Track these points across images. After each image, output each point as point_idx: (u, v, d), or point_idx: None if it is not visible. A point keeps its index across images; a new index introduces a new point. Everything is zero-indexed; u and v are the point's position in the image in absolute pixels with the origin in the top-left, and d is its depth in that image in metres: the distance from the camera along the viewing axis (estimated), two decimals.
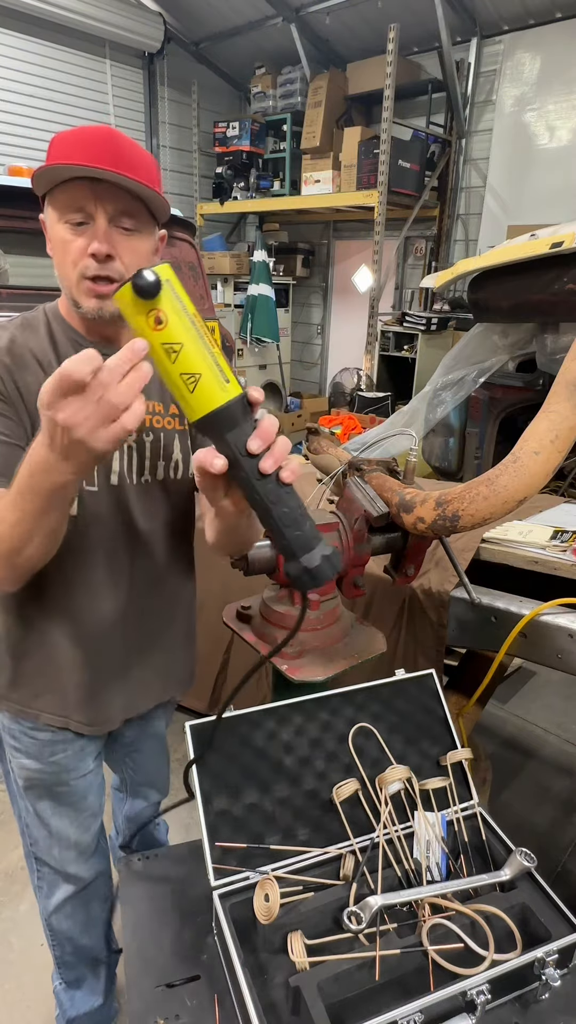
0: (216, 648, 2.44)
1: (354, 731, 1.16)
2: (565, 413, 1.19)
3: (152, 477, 1.15)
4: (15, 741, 1.24)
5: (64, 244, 0.97)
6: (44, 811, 1.29)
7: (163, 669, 1.31)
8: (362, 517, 1.34)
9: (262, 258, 6.91)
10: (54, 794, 1.27)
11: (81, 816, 1.32)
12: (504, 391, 3.62)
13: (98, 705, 1.21)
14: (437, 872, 1.04)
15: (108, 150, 0.94)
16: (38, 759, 1.23)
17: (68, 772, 1.26)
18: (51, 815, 1.29)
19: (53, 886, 1.37)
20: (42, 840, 1.32)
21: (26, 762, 1.24)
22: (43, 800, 1.28)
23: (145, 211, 1.00)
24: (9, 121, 6.28)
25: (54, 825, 1.30)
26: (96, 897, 1.41)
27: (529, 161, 5.91)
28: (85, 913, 1.41)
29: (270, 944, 0.94)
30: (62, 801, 1.29)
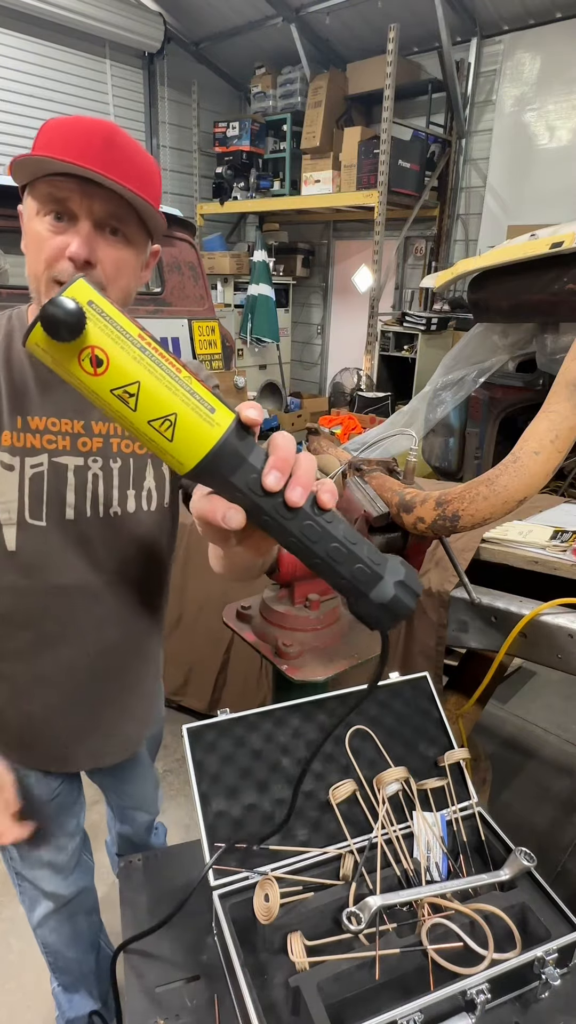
0: (216, 648, 2.44)
1: (351, 733, 1.16)
2: (565, 413, 1.19)
3: (122, 509, 1.01)
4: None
5: (40, 241, 0.85)
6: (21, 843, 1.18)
7: (133, 717, 1.21)
8: (362, 517, 1.34)
9: (262, 258, 6.91)
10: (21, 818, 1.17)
11: (55, 839, 1.25)
12: (504, 391, 3.62)
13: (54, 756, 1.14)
14: (437, 872, 1.04)
15: (105, 149, 0.82)
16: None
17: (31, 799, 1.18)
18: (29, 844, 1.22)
19: (34, 901, 1.32)
20: (18, 856, 1.26)
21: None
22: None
23: (137, 220, 0.88)
24: (9, 121, 6.29)
25: (33, 854, 1.24)
26: (80, 912, 1.37)
27: (529, 161, 5.91)
28: (71, 928, 1.37)
29: (270, 944, 0.94)
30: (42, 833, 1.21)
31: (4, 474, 0.93)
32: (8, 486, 0.93)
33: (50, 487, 0.96)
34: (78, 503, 0.98)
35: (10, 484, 0.93)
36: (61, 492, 0.96)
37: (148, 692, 1.23)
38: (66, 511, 0.97)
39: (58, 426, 0.96)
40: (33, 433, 0.94)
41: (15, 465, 0.93)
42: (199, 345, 3.84)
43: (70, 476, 0.97)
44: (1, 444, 0.93)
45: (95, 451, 0.98)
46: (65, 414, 0.97)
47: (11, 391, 0.93)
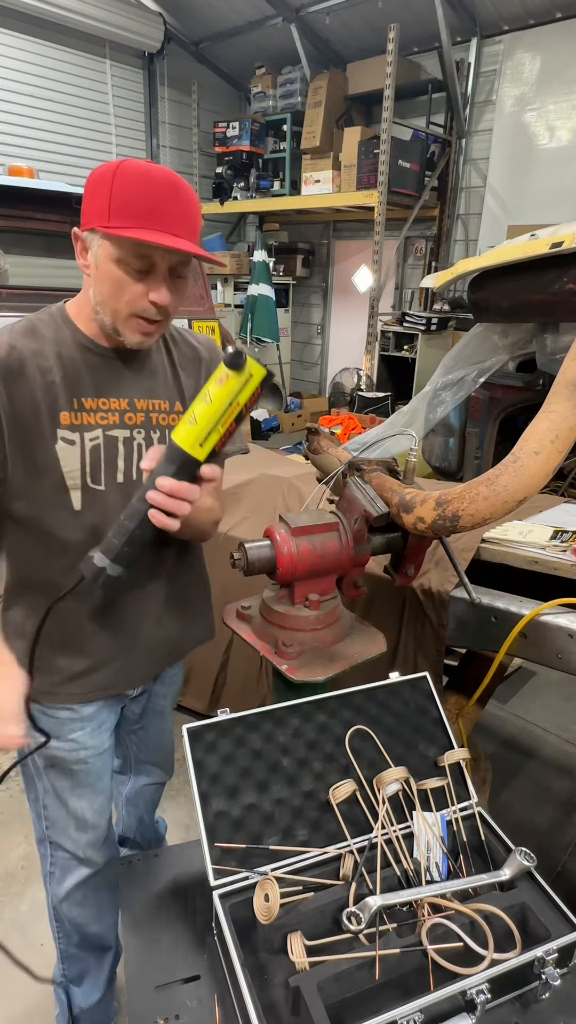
0: (216, 648, 2.44)
1: (351, 733, 1.16)
2: (565, 413, 1.19)
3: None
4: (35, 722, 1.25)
5: (121, 284, 1.04)
6: (63, 790, 1.31)
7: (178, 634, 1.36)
8: (362, 517, 1.34)
9: (262, 258, 6.91)
10: (73, 772, 1.30)
11: (98, 798, 1.35)
12: (504, 391, 3.63)
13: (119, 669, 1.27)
14: (437, 872, 1.04)
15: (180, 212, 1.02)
16: (58, 737, 1.26)
17: (86, 749, 1.29)
18: (70, 795, 1.32)
19: (66, 871, 1.38)
20: (60, 821, 1.34)
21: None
22: (63, 779, 1.31)
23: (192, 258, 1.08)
24: (9, 121, 6.29)
25: (72, 805, 1.32)
26: (107, 884, 1.42)
27: (529, 161, 5.91)
28: (96, 900, 1.42)
29: (270, 944, 0.94)
30: (80, 781, 1.31)
31: (67, 448, 1.11)
32: (72, 458, 1.11)
33: (106, 456, 1.14)
34: (127, 468, 1.17)
35: (73, 456, 1.11)
36: (114, 460, 1.15)
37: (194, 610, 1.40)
38: (118, 475, 1.16)
39: (108, 405, 1.15)
40: (88, 412, 1.13)
41: (76, 440, 1.11)
42: None
43: (120, 446, 1.16)
44: (61, 423, 1.10)
45: (139, 424, 1.18)
46: (113, 394, 1.16)
47: (66, 380, 1.11)
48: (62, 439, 1.10)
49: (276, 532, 1.32)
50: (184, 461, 0.93)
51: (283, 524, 1.33)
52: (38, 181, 3.48)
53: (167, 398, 1.22)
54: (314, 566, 1.32)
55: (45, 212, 3.30)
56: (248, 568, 1.31)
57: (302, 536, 1.31)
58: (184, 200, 1.03)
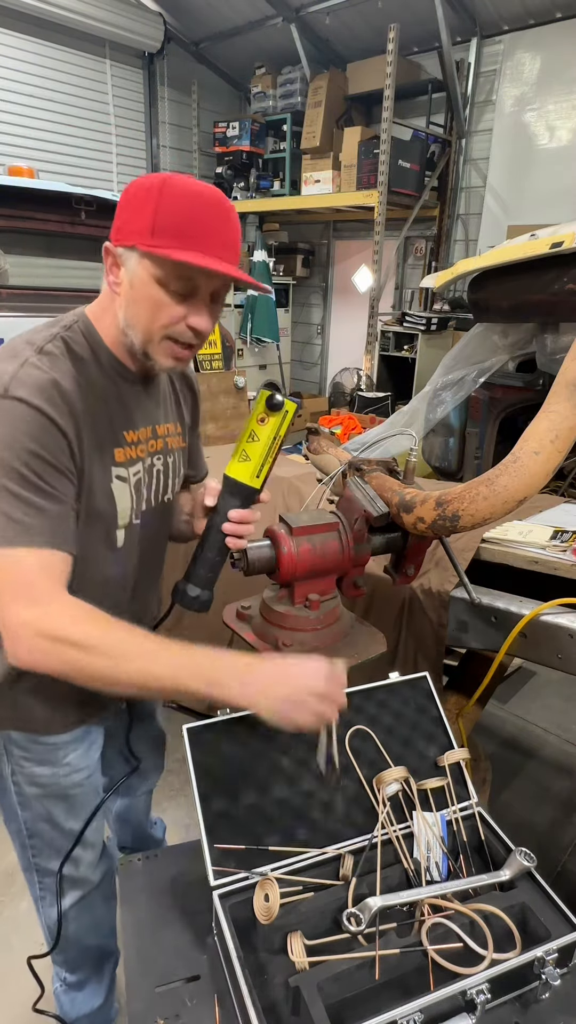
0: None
1: (351, 733, 1.16)
2: (565, 413, 1.19)
3: (172, 495, 1.26)
4: (23, 751, 1.21)
5: (159, 305, 0.98)
6: (59, 815, 1.27)
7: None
8: (362, 517, 1.34)
9: (262, 258, 6.91)
10: (68, 796, 1.26)
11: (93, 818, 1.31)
12: (504, 391, 3.62)
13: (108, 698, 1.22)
14: (437, 872, 1.04)
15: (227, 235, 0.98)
16: (51, 764, 1.22)
17: (79, 772, 1.26)
18: (66, 818, 1.27)
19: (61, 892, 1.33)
20: (48, 849, 1.29)
21: (38, 770, 1.22)
22: (59, 804, 1.26)
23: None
24: (9, 121, 6.29)
25: (68, 827, 1.28)
26: (101, 897, 1.40)
27: (529, 161, 5.91)
28: (91, 915, 1.39)
29: (270, 944, 0.94)
30: (76, 803, 1.28)
31: (121, 486, 1.09)
32: (125, 496, 1.10)
33: (142, 489, 1.15)
34: (148, 496, 1.17)
35: (126, 495, 1.10)
36: (143, 491, 1.15)
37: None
38: (143, 504, 1.16)
39: (143, 435, 1.14)
40: (131, 445, 1.11)
41: (126, 477, 1.10)
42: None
43: (145, 475, 1.16)
44: (116, 461, 1.08)
45: (159, 450, 1.18)
46: (143, 423, 1.14)
47: (112, 413, 1.07)
48: (117, 477, 1.07)
49: (276, 532, 1.32)
50: (247, 493, 1.10)
51: (283, 524, 1.33)
52: (38, 181, 3.48)
53: (173, 420, 1.24)
54: (314, 566, 1.32)
55: (45, 212, 3.31)
56: (248, 568, 1.30)
57: (302, 536, 1.30)
58: (231, 222, 0.99)
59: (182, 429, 1.27)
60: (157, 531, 1.25)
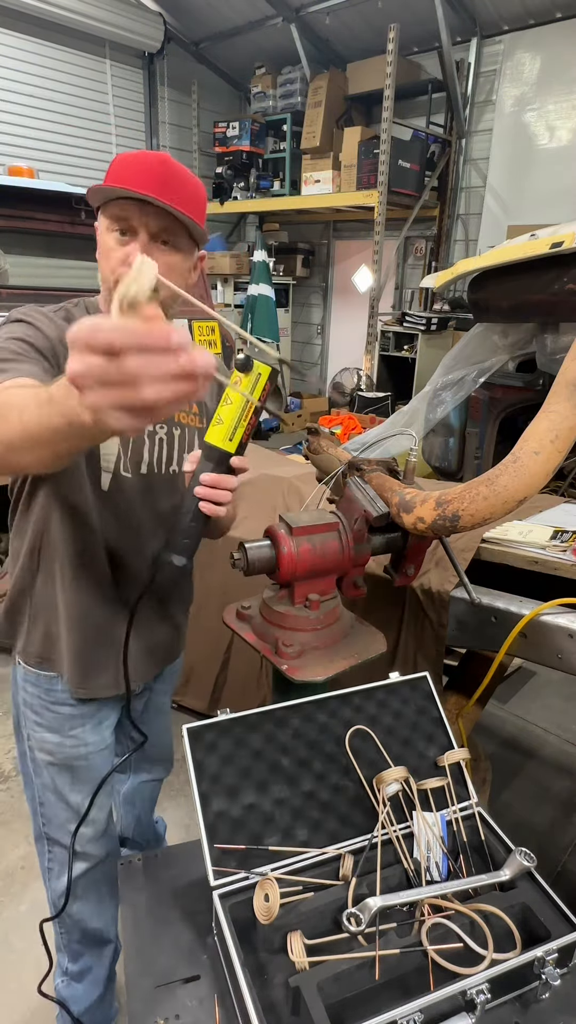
0: (216, 648, 2.44)
1: (351, 733, 1.16)
2: (565, 413, 1.19)
3: (179, 468, 1.28)
4: (37, 716, 1.30)
5: (108, 251, 1.08)
6: (63, 786, 1.33)
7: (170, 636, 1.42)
8: (362, 517, 1.34)
9: (262, 258, 6.91)
10: (74, 768, 1.32)
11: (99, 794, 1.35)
12: (504, 391, 3.63)
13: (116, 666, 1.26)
14: (437, 872, 1.04)
15: (159, 176, 1.04)
16: (59, 732, 1.29)
17: (87, 746, 1.32)
18: (70, 790, 1.34)
19: (64, 866, 1.38)
20: (57, 817, 1.35)
21: (48, 736, 1.30)
22: (63, 775, 1.33)
23: (185, 233, 1.10)
24: (9, 121, 6.29)
25: (73, 800, 1.34)
26: (106, 878, 1.44)
27: (529, 161, 5.91)
28: (96, 894, 1.43)
29: (270, 944, 0.94)
30: (81, 776, 1.33)
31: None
32: (112, 442, 1.18)
33: (134, 447, 1.22)
34: (150, 460, 1.24)
35: (113, 441, 1.18)
36: (140, 451, 1.22)
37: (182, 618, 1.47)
38: (142, 466, 1.23)
39: None
40: None
41: None
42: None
43: (146, 438, 1.23)
44: None
45: (163, 420, 1.23)
46: None
47: None
48: None
49: (276, 532, 1.32)
50: (219, 456, 1.06)
51: (283, 524, 1.33)
52: (38, 181, 3.48)
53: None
54: (314, 566, 1.32)
55: (45, 212, 3.31)
56: (248, 568, 1.30)
57: (302, 536, 1.31)
58: (174, 174, 1.06)
59: (199, 410, 1.31)
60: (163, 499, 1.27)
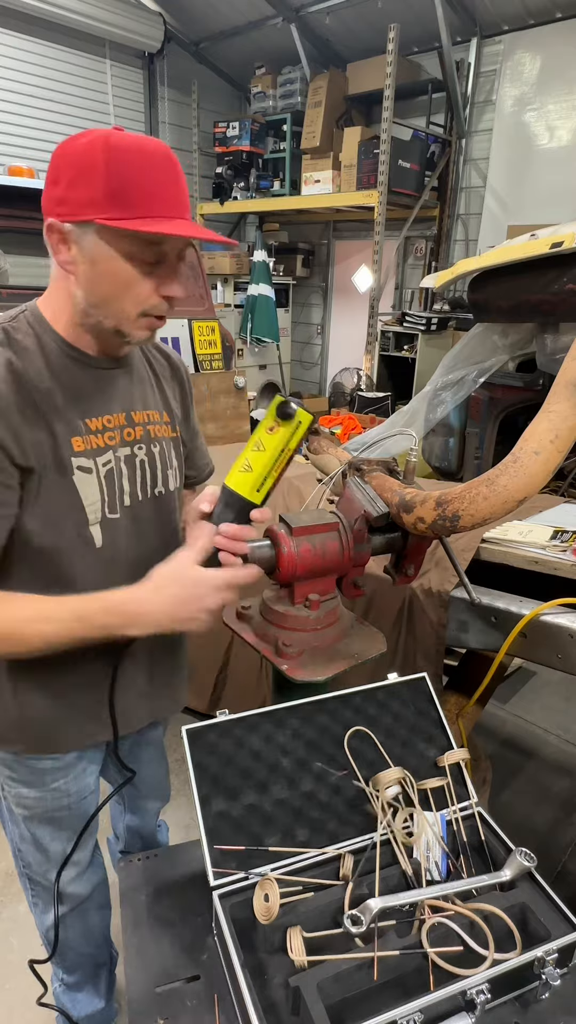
0: (216, 648, 2.44)
1: (350, 734, 1.16)
2: (565, 413, 1.19)
3: (164, 488, 1.16)
4: (11, 771, 1.19)
5: (129, 282, 0.92)
6: (43, 837, 1.25)
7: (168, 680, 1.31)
8: (362, 517, 1.34)
9: (262, 258, 6.91)
10: (55, 820, 1.24)
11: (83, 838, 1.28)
12: (504, 391, 3.63)
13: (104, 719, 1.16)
14: (437, 872, 1.04)
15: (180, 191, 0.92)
16: (39, 787, 1.20)
17: (69, 796, 1.23)
18: (51, 840, 1.26)
19: (50, 904, 1.33)
20: (37, 864, 1.29)
21: (24, 791, 1.20)
22: (43, 827, 1.24)
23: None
24: (9, 121, 6.29)
25: (53, 850, 1.26)
26: (93, 908, 1.40)
27: (529, 161, 5.91)
28: (83, 924, 1.39)
29: (270, 944, 0.94)
30: (63, 826, 1.25)
31: (85, 478, 0.99)
32: (91, 489, 1.01)
33: (116, 480, 1.05)
34: (132, 489, 1.08)
35: (92, 486, 1.01)
36: (121, 483, 1.06)
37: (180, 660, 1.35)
38: (125, 499, 1.07)
39: (112, 422, 1.04)
40: (95, 434, 1.01)
41: (91, 467, 1.00)
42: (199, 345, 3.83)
43: (123, 466, 1.06)
44: (75, 451, 0.98)
45: (139, 438, 1.09)
46: (112, 409, 1.05)
47: (67, 399, 0.98)
48: (79, 468, 0.98)
49: (276, 532, 1.32)
50: (242, 506, 1.00)
51: (283, 524, 1.33)
52: (38, 181, 3.48)
53: (156, 408, 1.14)
54: (314, 566, 1.32)
55: None
56: None
57: (302, 536, 1.30)
58: (181, 176, 0.94)
59: (170, 418, 1.17)
60: (153, 527, 1.14)
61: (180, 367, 1.24)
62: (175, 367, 1.23)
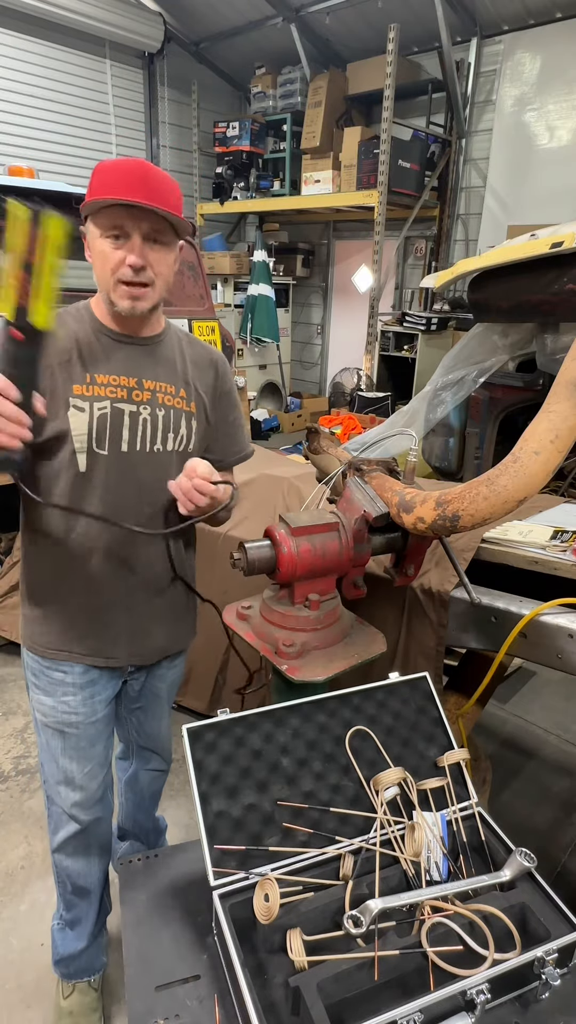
0: (216, 648, 2.44)
1: (351, 733, 1.16)
2: (565, 413, 1.19)
3: (163, 447, 1.31)
4: (34, 678, 1.39)
5: (104, 255, 1.18)
6: (55, 749, 1.41)
7: (167, 622, 1.43)
8: (362, 517, 1.35)
9: (262, 258, 6.91)
10: (64, 735, 1.39)
11: (88, 763, 1.42)
12: (504, 391, 3.63)
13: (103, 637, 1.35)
14: (437, 872, 1.04)
15: (141, 181, 1.15)
16: (52, 695, 1.37)
17: (76, 715, 1.38)
18: (60, 755, 1.41)
19: (59, 824, 1.48)
20: (52, 778, 1.44)
21: (42, 698, 1.38)
22: (55, 739, 1.40)
23: (170, 229, 1.20)
24: (9, 121, 6.29)
25: (62, 764, 1.41)
26: (95, 842, 1.52)
27: (529, 161, 5.91)
28: (85, 855, 1.51)
29: (270, 944, 0.94)
30: (71, 743, 1.40)
31: (77, 414, 1.23)
32: (80, 423, 1.23)
33: (112, 425, 1.26)
34: (131, 439, 1.28)
35: (81, 421, 1.24)
36: (119, 430, 1.27)
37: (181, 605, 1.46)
38: (122, 445, 1.27)
39: (118, 381, 1.28)
40: (100, 386, 1.26)
41: (85, 408, 1.24)
42: None
43: (126, 419, 1.28)
44: (74, 393, 1.23)
45: (145, 401, 1.29)
46: (124, 373, 1.28)
47: (81, 357, 1.26)
48: (73, 406, 1.23)
49: (276, 532, 1.32)
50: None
51: (283, 524, 1.33)
52: (38, 181, 3.48)
53: (174, 383, 1.34)
54: (314, 566, 1.32)
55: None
56: (248, 568, 1.31)
57: (302, 536, 1.31)
58: (153, 176, 1.16)
59: (187, 394, 1.35)
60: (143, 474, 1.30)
61: (218, 362, 1.44)
62: (212, 361, 1.43)
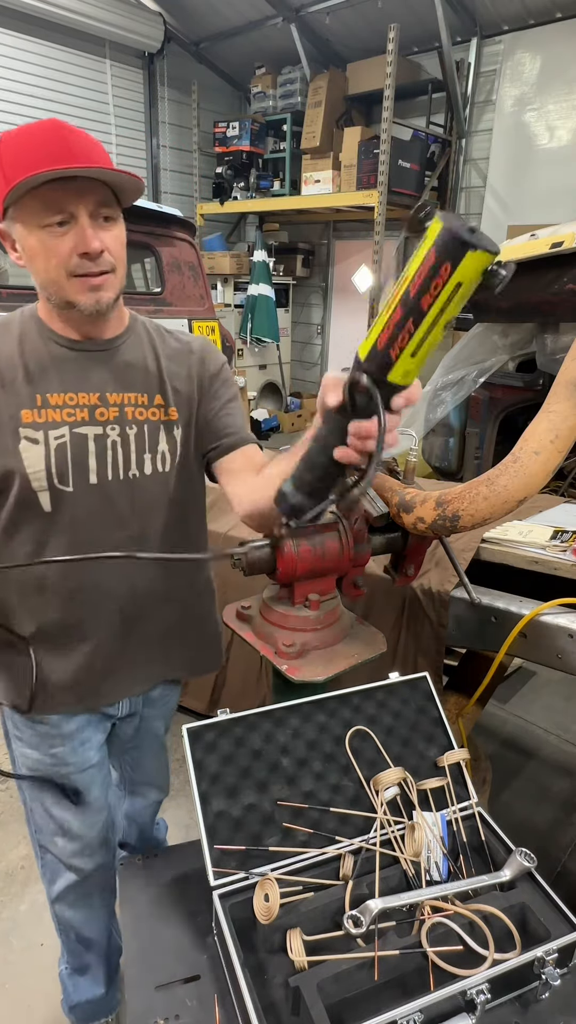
0: None
1: (351, 733, 1.16)
2: (565, 413, 1.19)
3: (140, 471, 1.13)
4: (16, 730, 1.26)
5: (47, 249, 0.96)
6: (46, 801, 1.30)
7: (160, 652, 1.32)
8: (362, 517, 1.34)
9: (262, 258, 6.91)
10: (55, 786, 1.28)
11: (86, 811, 1.32)
12: (504, 391, 3.62)
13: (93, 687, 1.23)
14: (437, 872, 1.04)
15: (66, 145, 0.93)
16: (38, 749, 1.26)
17: (67, 766, 1.27)
18: (53, 806, 1.30)
19: (55, 874, 1.37)
20: (45, 829, 1.33)
21: (27, 751, 1.26)
22: (45, 792, 1.29)
23: (114, 200, 1.00)
24: (9, 121, 6.28)
25: (56, 815, 1.31)
26: (98, 889, 1.41)
27: (529, 161, 5.91)
28: (87, 904, 1.41)
29: (270, 944, 0.94)
30: (63, 794, 1.29)
31: (31, 447, 1.04)
32: (36, 458, 1.04)
33: (74, 456, 1.07)
34: (99, 468, 1.09)
35: (37, 456, 1.04)
36: (83, 460, 1.08)
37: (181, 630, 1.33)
38: (90, 476, 1.08)
39: (76, 400, 1.07)
40: (53, 408, 1.06)
41: (39, 439, 1.05)
42: None
43: (91, 445, 1.08)
44: (23, 422, 1.04)
45: (112, 420, 1.09)
46: (82, 388, 1.08)
47: (27, 375, 1.05)
48: (25, 438, 1.04)
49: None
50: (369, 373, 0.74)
51: None
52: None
53: (145, 391, 1.13)
54: (314, 566, 1.32)
55: None
56: (248, 568, 1.30)
57: (302, 536, 1.30)
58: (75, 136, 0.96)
59: (164, 400, 1.15)
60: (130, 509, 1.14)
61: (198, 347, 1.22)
62: (191, 348, 1.21)
